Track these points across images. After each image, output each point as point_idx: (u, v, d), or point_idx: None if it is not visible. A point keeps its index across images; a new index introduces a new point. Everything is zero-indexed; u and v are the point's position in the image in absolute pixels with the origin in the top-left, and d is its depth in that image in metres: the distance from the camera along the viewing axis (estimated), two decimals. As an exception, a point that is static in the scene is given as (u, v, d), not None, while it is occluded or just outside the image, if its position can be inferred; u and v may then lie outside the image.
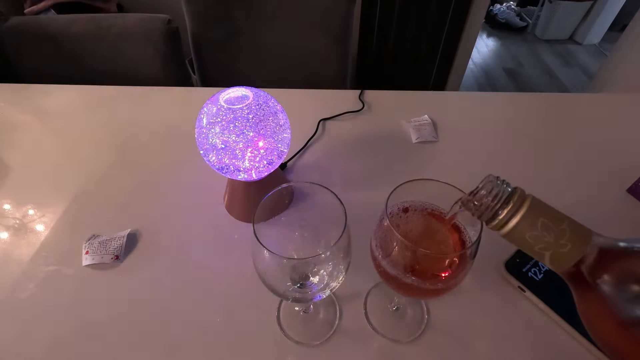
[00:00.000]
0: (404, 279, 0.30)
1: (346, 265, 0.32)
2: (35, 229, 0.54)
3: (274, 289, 0.34)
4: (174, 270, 0.50)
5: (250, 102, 0.44)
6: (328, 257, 0.29)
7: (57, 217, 0.56)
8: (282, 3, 1.01)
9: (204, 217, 0.56)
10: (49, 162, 0.65)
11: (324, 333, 0.43)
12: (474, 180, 0.28)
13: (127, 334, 0.43)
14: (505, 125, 0.72)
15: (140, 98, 0.80)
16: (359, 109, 0.74)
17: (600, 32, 2.79)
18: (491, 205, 0.25)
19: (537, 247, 0.24)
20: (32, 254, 0.51)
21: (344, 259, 0.31)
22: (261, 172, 0.48)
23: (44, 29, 0.97)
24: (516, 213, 0.24)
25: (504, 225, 0.24)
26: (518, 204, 0.24)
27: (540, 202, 0.24)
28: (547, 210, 0.24)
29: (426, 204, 0.34)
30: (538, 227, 0.23)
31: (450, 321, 0.44)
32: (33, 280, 0.48)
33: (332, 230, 0.37)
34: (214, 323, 0.44)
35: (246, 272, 0.49)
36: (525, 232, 0.24)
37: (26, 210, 0.57)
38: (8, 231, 0.54)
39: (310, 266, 0.34)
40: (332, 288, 0.33)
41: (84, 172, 0.63)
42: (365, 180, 0.61)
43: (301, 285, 0.36)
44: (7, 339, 0.43)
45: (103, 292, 0.47)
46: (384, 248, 0.32)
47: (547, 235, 0.23)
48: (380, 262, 0.32)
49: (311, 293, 0.35)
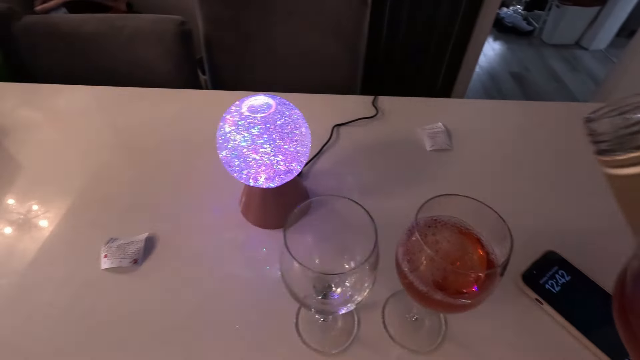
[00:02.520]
0: (432, 294, 0.30)
1: (373, 279, 0.32)
2: (50, 230, 0.55)
3: (297, 297, 0.34)
4: (192, 275, 0.50)
5: (273, 111, 0.44)
6: (356, 271, 0.29)
7: (73, 220, 0.56)
8: (294, 6, 1.01)
9: (220, 221, 0.56)
10: (61, 163, 0.65)
11: (343, 342, 0.43)
12: (489, 190, 0.29)
13: (145, 338, 0.44)
14: (519, 134, 0.72)
15: (153, 100, 0.80)
16: (372, 115, 0.74)
17: (607, 38, 2.79)
18: (636, 136, 0.18)
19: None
20: (49, 257, 0.52)
21: (372, 274, 0.31)
22: (281, 179, 0.48)
23: (56, 28, 0.97)
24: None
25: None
26: None
27: None
28: None
29: (453, 219, 0.34)
30: None
31: (468, 332, 0.44)
32: (52, 282, 0.49)
33: (355, 238, 0.37)
34: (232, 329, 0.44)
35: (264, 278, 0.49)
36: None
37: (39, 210, 0.57)
38: (18, 229, 0.54)
39: (336, 278, 0.34)
40: (356, 302, 0.33)
41: (98, 174, 0.63)
42: (382, 188, 0.61)
43: (324, 296, 0.36)
44: (27, 340, 0.43)
45: (122, 295, 0.48)
46: (412, 262, 0.32)
47: None
48: (408, 276, 0.32)
49: (335, 305, 0.36)
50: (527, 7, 3.18)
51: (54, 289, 0.48)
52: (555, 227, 0.54)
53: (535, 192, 0.60)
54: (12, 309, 0.46)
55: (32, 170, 0.64)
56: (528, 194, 0.60)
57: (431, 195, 0.55)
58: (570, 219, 0.56)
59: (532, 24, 3.08)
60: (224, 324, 0.45)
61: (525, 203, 0.59)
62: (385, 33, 1.69)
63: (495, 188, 0.61)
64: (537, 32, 3.04)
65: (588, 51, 2.81)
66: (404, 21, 1.64)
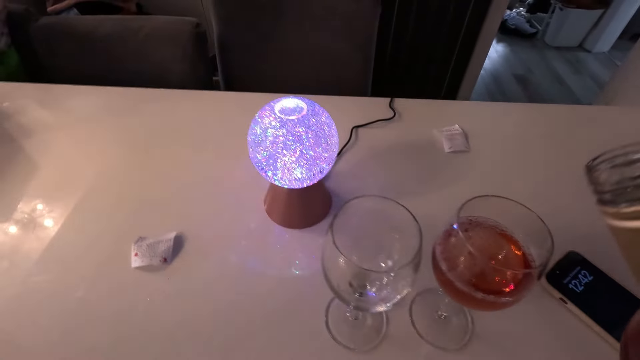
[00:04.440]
0: (472, 293, 0.31)
1: (414, 280, 0.33)
2: (79, 229, 0.56)
3: (337, 292, 0.35)
4: (220, 274, 0.51)
5: (305, 114, 0.45)
6: (400, 271, 0.30)
7: (97, 220, 0.57)
8: (307, 7, 1.02)
9: (245, 221, 0.57)
10: (84, 164, 0.66)
11: (373, 339, 0.44)
12: (509, 192, 0.29)
13: (179, 336, 0.45)
14: (536, 136, 0.73)
15: (172, 101, 0.81)
16: (390, 117, 0.75)
17: (610, 40, 2.81)
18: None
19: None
20: (77, 254, 0.53)
21: (414, 274, 0.32)
22: (311, 180, 0.49)
23: (73, 29, 0.98)
24: None
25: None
26: None
27: None
28: None
29: (489, 220, 0.35)
30: None
31: (494, 331, 0.45)
32: (84, 281, 0.50)
33: (392, 238, 0.38)
34: (263, 326, 0.45)
35: (291, 278, 0.50)
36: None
37: (61, 210, 0.58)
38: (41, 230, 0.55)
39: (378, 276, 0.35)
40: (395, 301, 0.34)
41: (117, 175, 0.64)
42: (403, 189, 0.62)
43: (360, 294, 0.37)
44: (53, 338, 0.44)
45: (153, 293, 0.48)
46: (450, 260, 0.33)
47: None
48: (447, 274, 0.33)
49: (371, 303, 0.37)
50: (530, 10, 3.20)
51: (86, 287, 0.49)
52: (575, 228, 0.55)
53: (554, 193, 0.62)
54: (48, 306, 0.47)
55: (56, 170, 0.65)
56: (547, 195, 0.61)
57: (452, 197, 0.56)
58: (590, 220, 0.57)
59: (535, 26, 3.09)
60: (256, 320, 0.46)
61: (545, 204, 0.59)
62: (393, 35, 1.70)
63: (514, 189, 0.62)
64: (540, 35, 3.05)
65: (591, 54, 2.83)
66: (412, 24, 1.65)
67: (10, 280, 0.50)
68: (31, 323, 0.46)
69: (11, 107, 0.79)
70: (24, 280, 0.50)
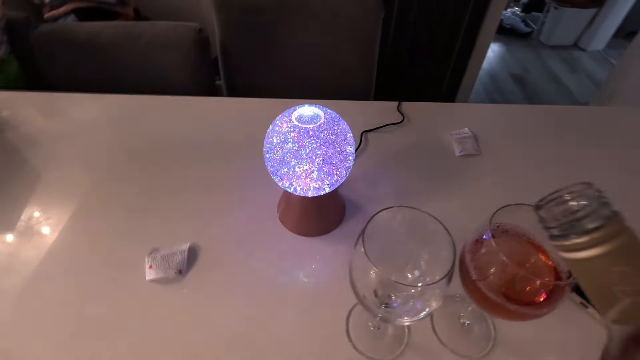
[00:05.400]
0: (505, 304, 0.31)
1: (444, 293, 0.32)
2: (90, 241, 0.55)
3: (363, 302, 0.35)
4: (237, 284, 0.50)
5: (323, 122, 0.45)
6: (434, 286, 0.30)
7: (110, 231, 0.56)
8: (311, 12, 1.02)
9: (258, 229, 0.57)
10: (86, 173, 0.65)
11: (395, 348, 0.44)
12: (521, 195, 0.29)
13: (197, 349, 0.44)
14: (545, 137, 0.73)
15: (175, 108, 0.80)
16: (399, 121, 0.75)
17: (604, 39, 2.83)
18: (577, 220, 0.20)
19: (618, 288, 0.20)
20: (89, 268, 0.52)
21: (445, 288, 0.31)
22: (330, 188, 0.48)
23: (73, 36, 0.97)
24: (610, 240, 0.19)
25: (585, 249, 0.20)
26: (616, 231, 0.19)
27: (637, 236, 0.20)
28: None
29: (517, 228, 0.35)
30: (634, 264, 0.19)
31: (517, 337, 0.45)
32: (98, 292, 0.49)
33: (419, 249, 0.38)
34: (283, 337, 0.45)
35: (310, 286, 0.50)
36: (614, 266, 0.19)
37: (70, 221, 0.57)
38: (51, 240, 0.54)
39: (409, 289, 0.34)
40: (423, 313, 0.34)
41: (122, 184, 0.63)
42: (416, 193, 0.62)
43: (386, 305, 0.37)
44: (77, 348, 0.43)
45: (169, 307, 0.48)
46: (480, 269, 0.33)
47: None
48: (477, 283, 0.32)
49: (397, 314, 0.36)
50: (525, 9, 3.22)
51: (101, 298, 0.48)
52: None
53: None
54: (62, 317, 0.46)
55: (60, 180, 0.64)
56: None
57: (467, 201, 0.56)
58: None
59: (530, 25, 3.12)
60: (273, 332, 0.45)
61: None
62: (392, 38, 1.70)
63: (527, 192, 0.61)
64: (536, 34, 3.07)
65: (586, 52, 2.86)
66: (411, 26, 1.65)
67: (26, 294, 0.49)
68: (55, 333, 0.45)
69: (11, 116, 0.78)
70: (41, 293, 0.49)
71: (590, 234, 0.19)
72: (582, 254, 0.20)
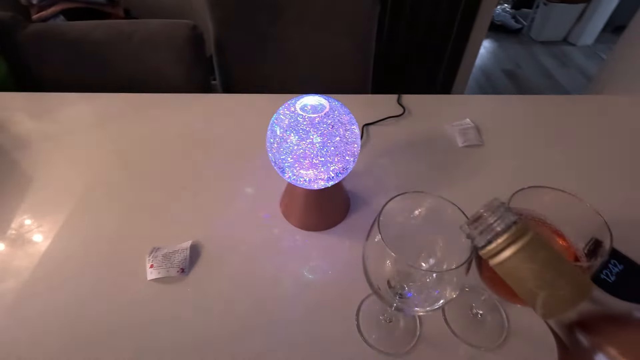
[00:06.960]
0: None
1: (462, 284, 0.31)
2: (90, 241, 0.53)
3: (379, 294, 0.33)
4: (242, 281, 0.49)
5: (328, 112, 0.43)
6: (452, 272, 0.29)
7: (110, 230, 0.54)
8: (307, 7, 1.01)
9: (261, 225, 0.55)
10: (82, 175, 0.63)
11: (408, 341, 0.43)
12: (527, 184, 0.29)
13: (204, 347, 0.42)
14: (548, 127, 0.73)
15: (170, 106, 0.78)
16: (400, 113, 0.74)
17: (593, 34, 2.86)
18: (491, 228, 0.23)
19: (532, 284, 0.22)
20: (87, 271, 0.50)
21: (463, 277, 0.30)
22: (335, 179, 0.47)
23: (63, 35, 0.94)
24: (516, 241, 0.22)
25: (500, 253, 0.23)
26: (520, 233, 0.22)
27: (541, 236, 0.23)
28: (548, 245, 0.22)
29: (533, 211, 0.34)
30: (539, 260, 0.22)
31: (529, 326, 0.44)
32: (99, 294, 0.47)
33: (433, 234, 0.37)
34: (291, 333, 0.43)
35: (317, 280, 0.49)
36: (524, 264, 0.22)
37: (65, 221, 0.55)
38: (51, 241, 0.52)
39: (418, 275, 0.33)
40: (439, 303, 0.32)
41: (125, 184, 0.62)
42: (421, 185, 0.61)
43: (400, 295, 0.36)
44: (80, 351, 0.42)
45: (172, 306, 0.46)
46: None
47: (547, 271, 0.21)
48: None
49: (412, 304, 0.35)
50: (515, 6, 3.25)
51: (102, 301, 0.46)
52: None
53: (573, 184, 0.61)
54: (62, 322, 0.44)
55: (53, 182, 0.62)
56: (566, 187, 0.60)
57: (473, 190, 0.55)
58: (613, 209, 0.57)
59: (520, 21, 3.14)
60: (281, 328, 0.44)
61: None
62: (386, 33, 1.70)
63: (532, 181, 0.61)
64: (526, 30, 3.10)
65: (576, 47, 2.89)
66: (405, 21, 1.65)
67: (25, 297, 0.47)
68: (56, 339, 0.43)
69: (0, 117, 0.75)
70: (37, 298, 0.47)
71: (502, 235, 0.22)
72: (500, 257, 0.23)
